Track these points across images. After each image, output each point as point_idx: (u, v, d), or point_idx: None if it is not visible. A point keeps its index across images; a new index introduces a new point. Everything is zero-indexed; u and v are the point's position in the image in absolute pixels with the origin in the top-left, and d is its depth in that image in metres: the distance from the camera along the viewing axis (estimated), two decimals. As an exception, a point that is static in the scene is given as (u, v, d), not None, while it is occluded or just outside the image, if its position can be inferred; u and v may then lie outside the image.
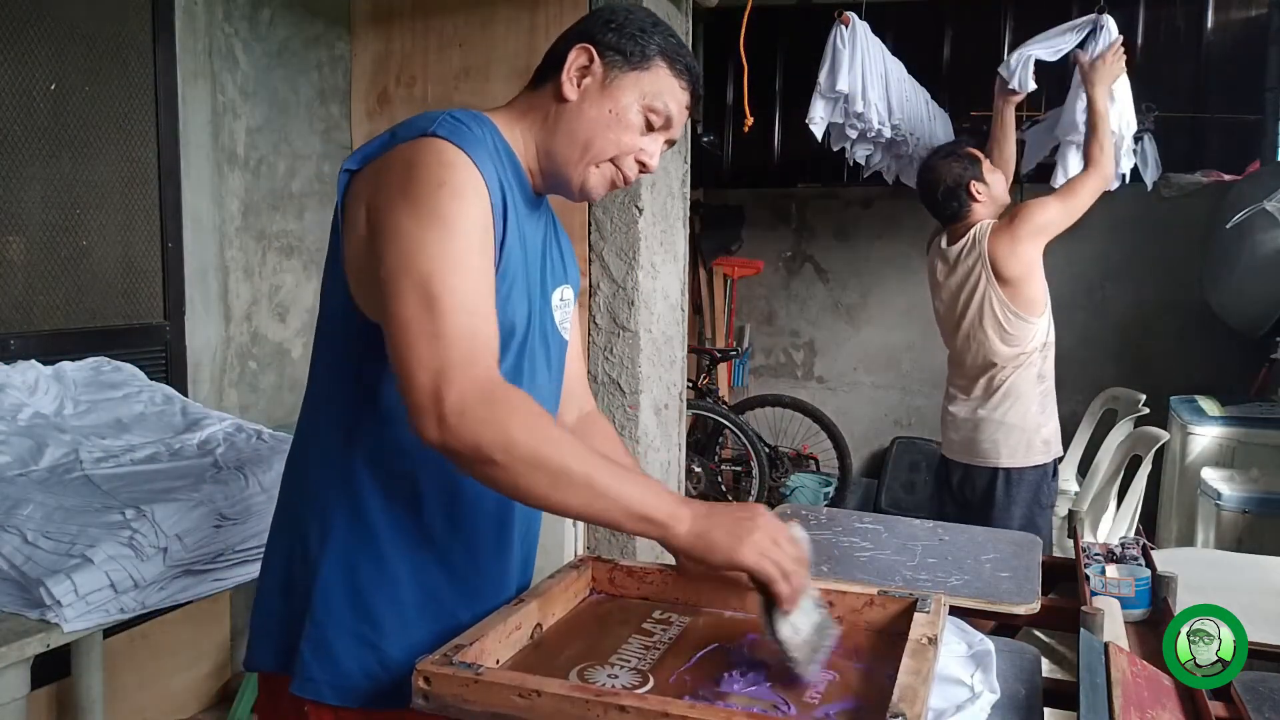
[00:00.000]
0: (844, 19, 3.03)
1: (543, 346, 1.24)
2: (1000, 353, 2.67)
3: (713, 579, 1.21)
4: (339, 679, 1.11)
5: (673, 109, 1.19)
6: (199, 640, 2.82)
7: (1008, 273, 2.63)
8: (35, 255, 2.36)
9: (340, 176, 1.12)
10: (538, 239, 1.24)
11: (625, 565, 1.31)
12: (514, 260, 1.14)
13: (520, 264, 1.16)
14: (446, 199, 1.03)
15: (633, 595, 1.29)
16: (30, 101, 2.30)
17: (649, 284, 2.73)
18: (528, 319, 1.18)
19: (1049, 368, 2.73)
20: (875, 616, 1.18)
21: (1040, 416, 2.68)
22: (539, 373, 1.23)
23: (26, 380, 2.06)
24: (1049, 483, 2.70)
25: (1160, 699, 1.16)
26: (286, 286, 3.08)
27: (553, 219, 1.33)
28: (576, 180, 1.19)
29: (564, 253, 1.35)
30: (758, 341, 5.52)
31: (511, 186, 1.15)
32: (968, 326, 2.72)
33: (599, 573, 1.31)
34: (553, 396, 1.29)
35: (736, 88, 5.12)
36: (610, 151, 1.17)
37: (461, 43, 3.04)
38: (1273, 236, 3.59)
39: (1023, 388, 2.67)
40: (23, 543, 1.52)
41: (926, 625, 1.08)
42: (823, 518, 1.81)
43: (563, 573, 1.27)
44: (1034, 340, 2.67)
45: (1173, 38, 4.63)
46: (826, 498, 4.87)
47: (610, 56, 1.17)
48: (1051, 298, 2.77)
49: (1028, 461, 2.66)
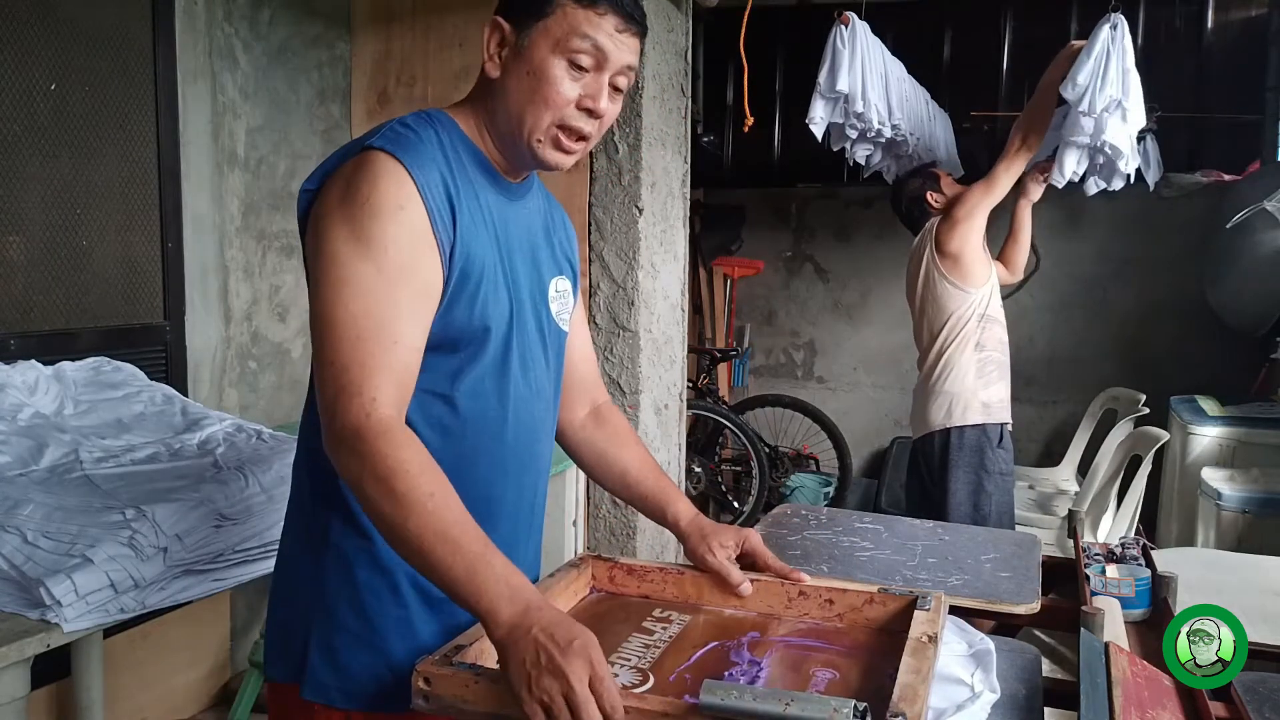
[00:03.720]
0: (844, 19, 3.04)
1: (538, 340, 1.21)
2: (939, 322, 2.94)
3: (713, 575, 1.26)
4: (346, 682, 1.10)
5: (599, 40, 1.10)
6: (199, 640, 2.82)
7: (946, 246, 2.91)
8: (35, 255, 2.36)
9: (300, 198, 1.10)
10: (521, 229, 1.20)
11: (625, 563, 1.30)
12: (480, 259, 1.11)
13: (493, 260, 1.13)
14: (367, 219, 1.02)
15: (633, 594, 1.29)
16: (30, 101, 2.30)
17: (649, 284, 2.73)
18: (510, 315, 1.15)
19: (990, 339, 2.92)
20: (876, 614, 1.18)
21: (977, 382, 2.89)
22: (533, 368, 1.20)
23: (26, 380, 2.06)
24: (994, 449, 2.87)
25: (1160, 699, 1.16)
26: (286, 286, 3.08)
27: (549, 206, 1.30)
28: (528, 156, 1.15)
29: (562, 242, 1.31)
30: (758, 341, 5.52)
31: (471, 184, 1.12)
32: (918, 304, 3.03)
33: (599, 571, 1.30)
34: (551, 390, 1.26)
35: (736, 88, 5.11)
36: (545, 118, 1.11)
37: (461, 43, 3.04)
38: (1273, 236, 3.58)
39: (959, 357, 2.90)
40: (23, 543, 1.52)
41: (926, 623, 1.07)
42: (823, 518, 1.81)
43: (563, 571, 1.27)
44: (971, 309, 2.91)
45: (1173, 38, 4.63)
46: (826, 498, 4.87)
47: (517, 19, 1.11)
48: (1052, 298, 2.81)
49: (965, 421, 2.86)
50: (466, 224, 1.09)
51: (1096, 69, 2.75)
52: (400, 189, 1.03)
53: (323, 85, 3.16)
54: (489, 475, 1.16)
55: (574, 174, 2.68)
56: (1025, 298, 4.77)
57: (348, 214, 1.02)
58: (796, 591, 1.23)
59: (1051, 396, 4.93)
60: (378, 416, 0.98)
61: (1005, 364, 2.96)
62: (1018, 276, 3.30)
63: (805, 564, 1.49)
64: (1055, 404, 4.93)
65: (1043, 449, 4.93)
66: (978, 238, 2.91)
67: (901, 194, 3.16)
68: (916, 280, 3.02)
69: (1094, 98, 2.72)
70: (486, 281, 1.11)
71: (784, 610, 1.23)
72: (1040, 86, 2.84)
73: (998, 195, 2.88)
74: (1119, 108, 2.76)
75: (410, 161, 1.05)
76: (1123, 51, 2.77)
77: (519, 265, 1.18)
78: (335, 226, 1.02)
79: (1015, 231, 3.24)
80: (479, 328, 1.11)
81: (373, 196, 1.02)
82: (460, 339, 1.11)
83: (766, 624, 1.21)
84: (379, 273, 1.01)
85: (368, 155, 1.05)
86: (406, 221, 1.03)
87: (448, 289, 1.08)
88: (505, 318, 1.14)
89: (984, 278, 2.93)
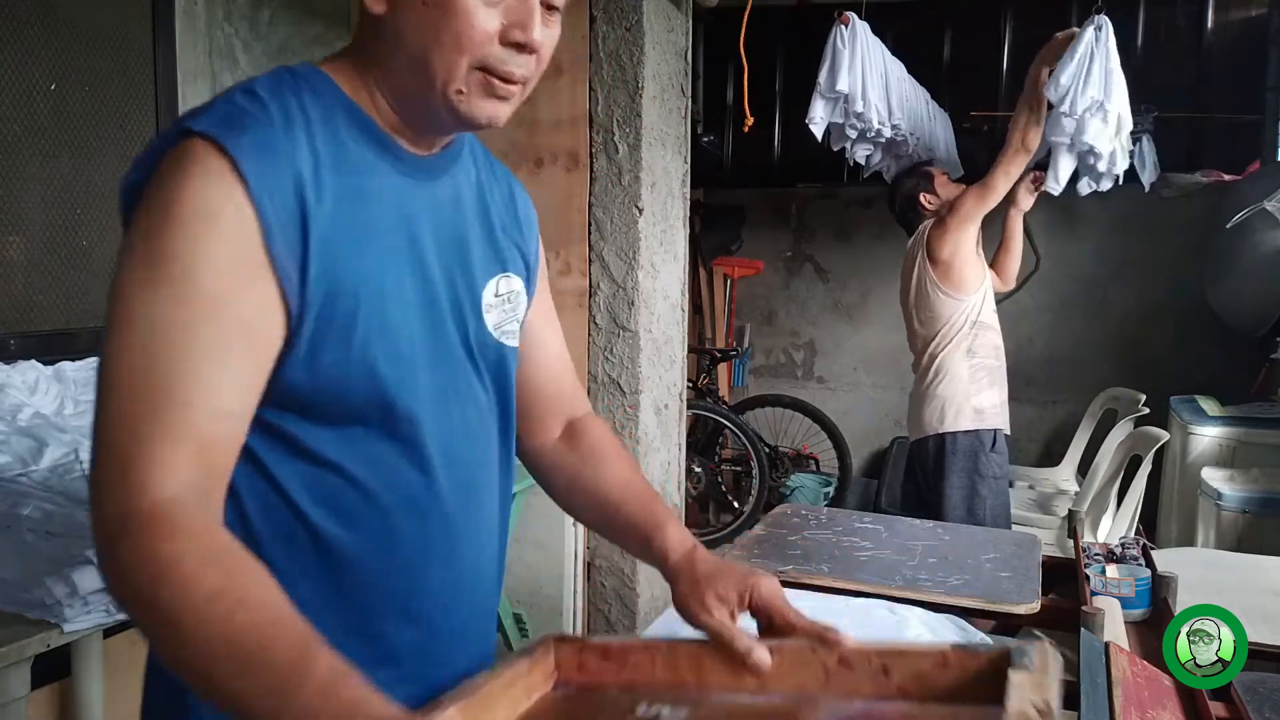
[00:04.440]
0: (844, 19, 3.04)
1: (468, 369, 0.92)
2: (931, 329, 2.94)
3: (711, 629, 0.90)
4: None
5: None
6: (199, 640, 2.82)
7: (938, 254, 2.90)
8: (35, 255, 2.36)
9: (122, 194, 0.81)
10: (437, 219, 0.90)
11: (599, 643, 0.94)
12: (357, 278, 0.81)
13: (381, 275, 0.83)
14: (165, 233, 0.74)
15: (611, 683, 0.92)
16: (30, 101, 2.30)
17: (649, 284, 2.73)
18: (421, 347, 0.87)
19: (982, 345, 2.92)
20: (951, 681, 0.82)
21: (970, 387, 2.89)
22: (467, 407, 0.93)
23: (26, 380, 2.06)
24: (987, 454, 2.87)
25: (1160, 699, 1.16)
26: (286, 286, 3.09)
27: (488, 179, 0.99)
28: (446, 116, 0.84)
29: (507, 226, 0.99)
30: (758, 341, 5.52)
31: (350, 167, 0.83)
32: (910, 309, 3.02)
33: (565, 656, 0.93)
34: (495, 425, 0.98)
35: (736, 88, 5.11)
36: (458, 60, 0.80)
37: (461, 43, 3.03)
38: (1273, 236, 3.58)
39: (952, 362, 2.90)
40: (23, 543, 1.52)
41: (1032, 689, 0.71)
42: (823, 518, 1.81)
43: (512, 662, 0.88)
44: (963, 316, 2.91)
45: (1173, 38, 4.63)
46: (826, 498, 4.87)
47: None
48: (1051, 298, 2.82)
49: (958, 426, 2.87)
50: (331, 232, 0.79)
51: (1079, 70, 2.75)
52: (216, 190, 0.75)
53: (323, 85, 3.17)
54: (413, 557, 0.88)
55: (574, 174, 2.68)
56: (1025, 298, 4.77)
57: (146, 226, 0.75)
58: (836, 660, 0.86)
59: (1051, 396, 4.93)
60: (150, 501, 0.70)
61: (998, 369, 2.96)
62: (1010, 285, 3.30)
63: (805, 564, 1.48)
64: (1055, 404, 4.93)
65: (1043, 449, 4.93)
66: (970, 245, 2.90)
67: (895, 196, 3.15)
68: (909, 285, 3.02)
69: (1076, 98, 2.73)
70: (367, 309, 0.81)
71: (822, 688, 0.86)
72: (1030, 80, 2.82)
73: (993, 200, 2.87)
74: (1100, 109, 2.76)
75: (241, 151, 0.75)
76: (1106, 53, 2.78)
77: (434, 270, 0.88)
78: (128, 250, 0.75)
79: (1006, 241, 3.23)
80: (363, 375, 0.82)
81: (175, 205, 0.74)
82: (338, 393, 0.82)
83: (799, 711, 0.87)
84: (176, 307, 0.73)
85: (184, 145, 0.76)
86: (222, 236, 0.75)
87: (301, 327, 0.79)
88: (410, 354, 0.85)
89: (976, 284, 2.93)
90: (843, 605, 1.23)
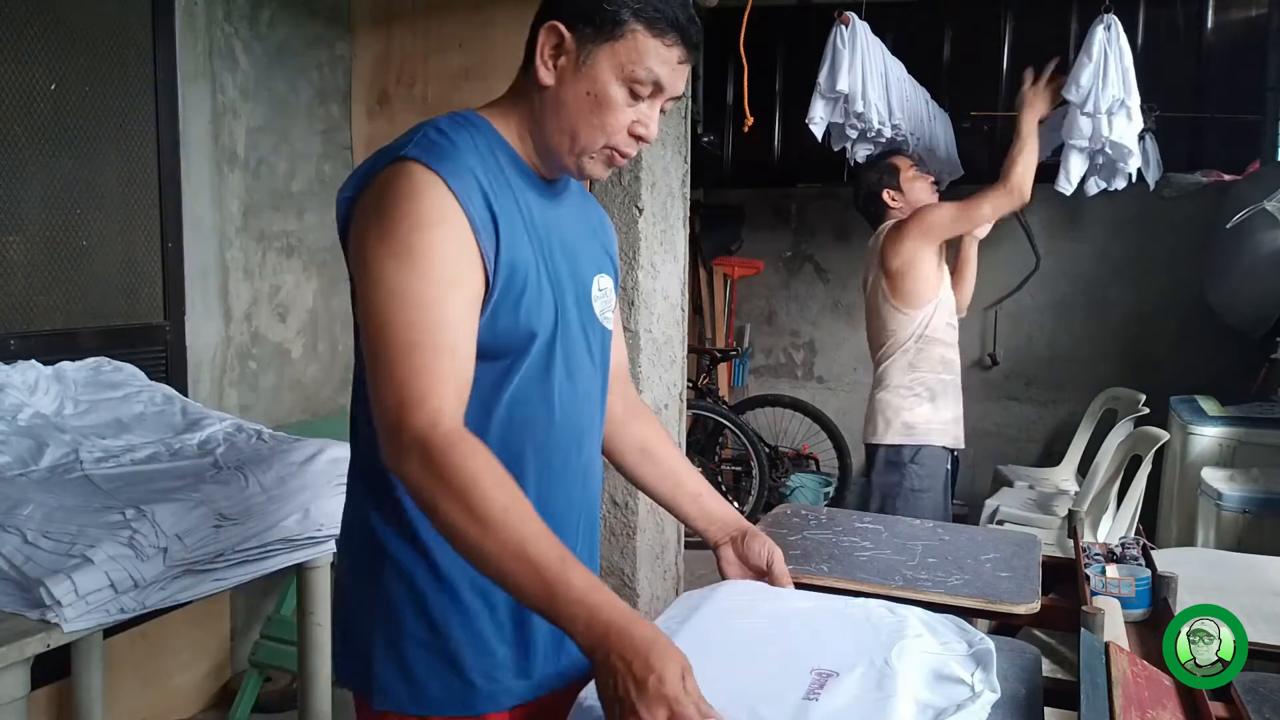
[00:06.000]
0: (844, 19, 3.04)
1: (582, 342, 1.19)
2: (878, 338, 2.86)
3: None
4: (416, 690, 1.10)
5: (660, 73, 1.09)
6: (199, 640, 2.82)
7: (889, 265, 2.77)
8: (35, 255, 2.36)
9: (339, 205, 1.10)
10: (562, 229, 1.18)
11: None
12: (523, 265, 1.09)
13: (536, 264, 1.11)
14: (409, 231, 1.01)
15: None
16: (30, 101, 2.30)
17: (649, 284, 2.73)
18: (555, 318, 1.13)
19: (926, 360, 2.78)
20: None
21: (903, 402, 2.78)
22: (580, 370, 1.18)
23: (26, 380, 2.06)
24: (906, 466, 2.76)
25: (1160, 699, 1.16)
26: (286, 287, 3.08)
27: (586, 203, 1.28)
28: (573, 168, 1.15)
29: (603, 239, 1.29)
30: (758, 341, 5.52)
31: (509, 187, 1.10)
32: (867, 315, 2.93)
33: None
34: (598, 390, 1.25)
35: (736, 87, 5.11)
36: (598, 140, 1.10)
37: (461, 43, 3.04)
38: (1273, 236, 3.58)
39: (891, 374, 2.81)
40: (23, 543, 1.52)
41: None
42: (823, 518, 1.81)
43: None
44: (907, 331, 2.78)
45: (1173, 38, 4.63)
46: (826, 498, 4.87)
47: (581, 30, 1.08)
48: (1051, 298, 2.79)
49: (885, 439, 2.80)
50: (508, 231, 1.07)
51: (1098, 70, 2.75)
52: (440, 202, 1.02)
53: (323, 85, 3.16)
54: (537, 482, 1.14)
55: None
56: (1025, 298, 4.78)
57: (389, 229, 1.01)
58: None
59: (1051, 396, 4.93)
60: (445, 428, 0.96)
61: (947, 383, 2.81)
62: (964, 314, 3.03)
63: (805, 564, 1.49)
64: (1055, 404, 4.93)
65: (1043, 449, 4.93)
66: (928, 259, 2.73)
67: (858, 187, 2.98)
68: (865, 290, 2.92)
69: (1098, 98, 2.72)
70: (530, 287, 1.10)
71: None
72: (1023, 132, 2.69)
73: (968, 228, 2.78)
74: (1123, 106, 2.76)
75: (447, 172, 1.03)
76: (1120, 51, 2.78)
77: (561, 266, 1.16)
78: (379, 243, 1.01)
79: (962, 269, 3.03)
80: (524, 334, 1.10)
81: (414, 211, 1.01)
82: (505, 346, 1.09)
83: None
84: (428, 285, 1.00)
85: (403, 166, 1.03)
86: (449, 234, 1.02)
87: (492, 297, 1.07)
88: (550, 322, 1.13)
89: (926, 299, 2.75)
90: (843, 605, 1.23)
